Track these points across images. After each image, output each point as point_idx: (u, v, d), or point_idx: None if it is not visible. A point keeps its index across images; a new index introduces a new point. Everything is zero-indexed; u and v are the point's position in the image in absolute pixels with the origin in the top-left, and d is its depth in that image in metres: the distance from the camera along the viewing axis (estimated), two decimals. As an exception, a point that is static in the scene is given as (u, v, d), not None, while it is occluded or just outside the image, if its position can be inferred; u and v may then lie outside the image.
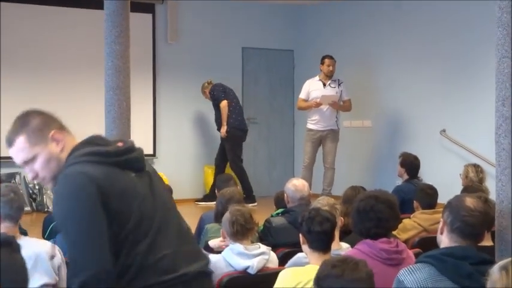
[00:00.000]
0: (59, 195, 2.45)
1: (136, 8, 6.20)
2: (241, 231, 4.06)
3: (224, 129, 9.79)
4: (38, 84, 9.74)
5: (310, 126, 9.53)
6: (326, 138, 9.52)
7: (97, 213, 2.37)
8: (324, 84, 9.52)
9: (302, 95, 9.59)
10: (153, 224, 2.46)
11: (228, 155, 9.90)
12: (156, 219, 2.48)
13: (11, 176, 9.42)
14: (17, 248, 2.24)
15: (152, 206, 2.52)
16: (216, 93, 10.01)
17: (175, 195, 7.90)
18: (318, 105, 9.33)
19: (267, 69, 11.57)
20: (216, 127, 10.22)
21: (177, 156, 10.72)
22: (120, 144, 2.64)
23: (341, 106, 9.60)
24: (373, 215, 3.72)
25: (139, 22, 9.42)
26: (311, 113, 9.51)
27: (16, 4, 9.55)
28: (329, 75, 9.52)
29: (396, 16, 10.23)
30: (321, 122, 9.46)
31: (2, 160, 9.34)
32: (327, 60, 9.54)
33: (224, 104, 9.84)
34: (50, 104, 9.76)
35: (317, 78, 9.60)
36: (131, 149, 2.62)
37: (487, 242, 3.95)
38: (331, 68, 9.50)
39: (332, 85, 9.53)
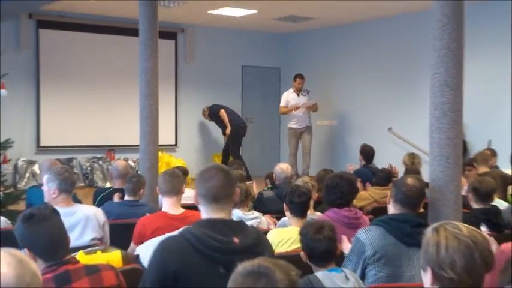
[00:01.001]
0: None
1: (163, 35, 6.16)
2: None
3: (228, 129, 9.90)
4: (90, 92, 9.72)
5: (291, 126, 9.65)
6: (303, 133, 9.61)
7: (156, 279, 2.16)
8: (298, 95, 9.62)
9: (282, 103, 9.69)
10: None
11: (230, 147, 9.96)
12: None
13: (70, 160, 9.41)
14: (44, 217, 2.17)
15: None
16: (213, 109, 10.15)
17: (192, 175, 7.94)
18: (297, 108, 9.45)
19: (260, 82, 11.55)
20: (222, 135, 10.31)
21: (193, 146, 10.73)
22: (236, 240, 2.12)
23: (311, 106, 9.63)
24: (338, 190, 3.73)
25: (165, 46, 9.35)
26: (291, 116, 9.61)
27: (74, 32, 9.54)
28: (299, 89, 9.64)
29: (354, 40, 10.25)
30: (299, 122, 9.58)
31: (61, 148, 9.44)
32: (297, 79, 9.67)
33: (222, 111, 9.99)
34: (99, 106, 10.00)
35: (291, 90, 9.71)
36: (236, 249, 2.10)
37: (420, 210, 3.97)
38: (300, 85, 9.65)
39: (303, 94, 9.67)
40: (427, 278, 1.73)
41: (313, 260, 2.68)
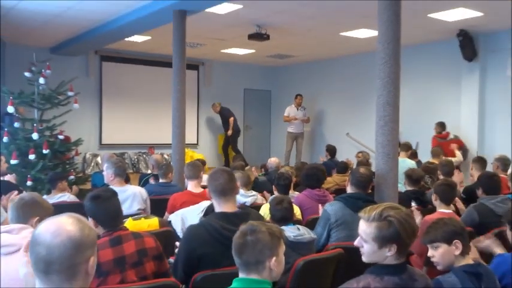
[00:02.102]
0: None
1: (188, 67, 6.16)
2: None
3: (230, 132, 9.75)
4: (137, 106, 9.66)
5: (290, 130, 9.52)
6: (298, 137, 9.54)
7: (185, 255, 2.09)
8: (297, 109, 9.52)
9: (285, 114, 9.55)
10: None
11: (231, 145, 9.83)
12: None
13: (122, 153, 9.36)
14: (106, 198, 2.11)
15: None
16: (226, 113, 9.94)
17: (208, 165, 7.91)
18: (295, 119, 9.42)
19: (256, 100, 11.45)
20: (223, 130, 10.15)
21: (209, 144, 10.66)
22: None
23: (305, 120, 9.58)
24: (315, 177, 3.72)
25: (190, 75, 9.30)
26: (291, 124, 9.49)
27: (127, 64, 9.49)
28: (299, 104, 9.54)
29: (324, 71, 10.21)
30: (296, 128, 9.49)
31: (117, 145, 9.39)
32: (298, 97, 9.57)
33: (231, 119, 9.83)
34: (144, 116, 9.92)
35: (293, 105, 9.57)
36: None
37: (368, 191, 3.96)
38: (300, 101, 9.54)
39: (301, 109, 9.55)
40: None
41: (274, 223, 2.64)
